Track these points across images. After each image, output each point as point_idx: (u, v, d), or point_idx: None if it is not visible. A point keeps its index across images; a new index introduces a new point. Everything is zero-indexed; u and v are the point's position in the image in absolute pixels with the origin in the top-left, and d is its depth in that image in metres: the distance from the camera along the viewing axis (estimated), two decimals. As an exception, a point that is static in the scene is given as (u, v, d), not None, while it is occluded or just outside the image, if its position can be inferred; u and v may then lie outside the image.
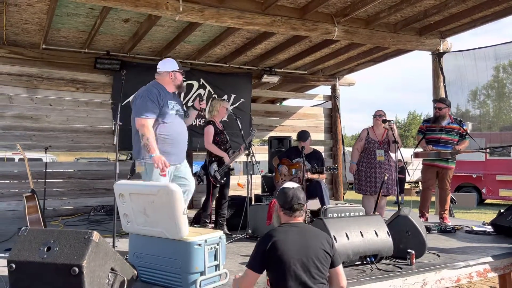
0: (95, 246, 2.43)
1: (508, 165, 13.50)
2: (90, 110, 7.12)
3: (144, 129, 3.66)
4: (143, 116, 3.70)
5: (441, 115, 5.75)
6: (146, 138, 3.62)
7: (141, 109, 3.72)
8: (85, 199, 7.00)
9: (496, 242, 4.65)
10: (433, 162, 5.77)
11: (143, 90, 3.88)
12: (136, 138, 3.83)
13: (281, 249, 2.36)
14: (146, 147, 3.64)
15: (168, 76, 3.95)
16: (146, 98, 3.75)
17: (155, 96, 3.78)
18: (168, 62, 4.02)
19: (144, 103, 3.73)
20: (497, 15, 6.16)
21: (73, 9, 5.48)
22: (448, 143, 5.73)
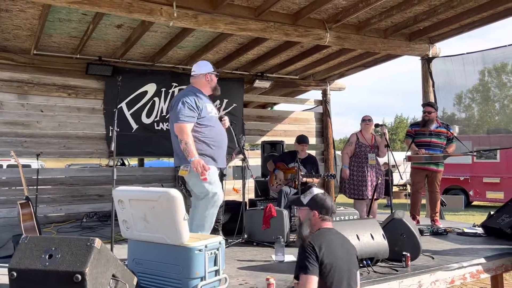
0: (97, 253, 2.43)
1: (495, 167, 13.74)
2: (82, 116, 7.08)
3: (183, 134, 3.67)
4: (180, 121, 3.71)
5: (430, 119, 5.85)
6: (185, 143, 3.64)
7: (179, 114, 3.73)
8: (77, 205, 6.94)
9: (487, 243, 4.74)
10: (424, 166, 5.86)
11: (180, 95, 3.88)
12: (176, 145, 3.85)
13: (332, 255, 2.48)
14: (185, 151, 3.65)
15: (204, 78, 3.96)
16: (184, 103, 3.75)
17: (193, 100, 3.78)
18: (203, 64, 4.02)
19: (182, 108, 3.73)
20: (484, 21, 6.31)
21: (66, 14, 5.46)
22: (438, 147, 5.83)
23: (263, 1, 5.34)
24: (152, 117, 7.46)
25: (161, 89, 7.52)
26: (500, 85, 7.81)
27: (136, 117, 7.31)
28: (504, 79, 7.69)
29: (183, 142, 3.65)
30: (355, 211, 4.88)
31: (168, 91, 7.59)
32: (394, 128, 44.83)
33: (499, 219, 5.05)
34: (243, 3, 5.38)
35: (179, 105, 3.75)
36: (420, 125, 5.96)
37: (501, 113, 7.64)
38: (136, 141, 7.28)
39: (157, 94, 7.49)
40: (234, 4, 5.37)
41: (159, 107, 7.49)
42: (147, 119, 7.42)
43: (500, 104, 7.74)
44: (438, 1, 5.72)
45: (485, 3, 5.79)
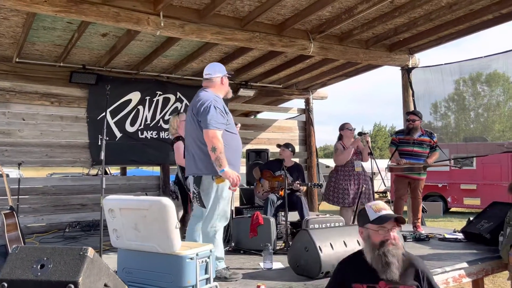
0: (90, 262, 2.42)
1: (471, 174, 14.12)
2: (64, 125, 7.00)
3: (218, 142, 3.36)
4: (213, 127, 3.39)
5: (414, 127, 5.96)
6: (220, 152, 3.35)
7: (211, 120, 3.39)
8: (59, 215, 6.83)
9: (467, 248, 4.88)
10: (405, 174, 5.99)
11: (207, 100, 3.50)
12: (202, 152, 3.52)
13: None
14: (218, 160, 3.35)
15: (220, 81, 3.70)
16: (216, 108, 3.45)
17: (222, 105, 3.53)
18: (218, 66, 3.75)
19: (215, 113, 3.42)
20: (460, 33, 6.54)
21: (51, 23, 5.43)
22: (421, 156, 5.94)
23: (249, 11, 5.41)
24: (136, 125, 7.43)
25: (145, 97, 7.51)
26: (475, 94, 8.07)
27: (120, 126, 7.27)
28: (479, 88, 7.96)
29: (218, 150, 3.34)
30: (341, 218, 4.96)
31: (153, 100, 7.58)
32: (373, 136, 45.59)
33: (479, 224, 5.22)
34: (229, 13, 5.45)
35: (211, 110, 3.41)
36: (404, 133, 6.08)
37: (476, 121, 7.87)
38: (120, 150, 7.23)
39: (141, 102, 7.47)
40: (221, 14, 5.43)
41: (143, 115, 7.47)
42: (131, 128, 7.38)
43: (475, 112, 7.99)
44: (418, 14, 5.91)
45: (462, 16, 6.02)
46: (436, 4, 5.62)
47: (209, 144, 3.40)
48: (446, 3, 5.61)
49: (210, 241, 3.53)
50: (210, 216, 3.59)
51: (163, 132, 7.57)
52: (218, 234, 3.61)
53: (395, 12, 5.70)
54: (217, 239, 3.59)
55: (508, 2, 5.53)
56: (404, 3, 5.51)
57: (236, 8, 5.32)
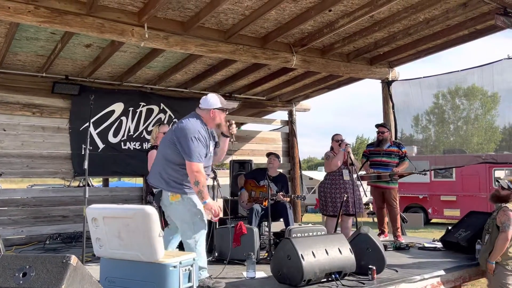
0: (73, 270, 2.42)
1: (451, 186, 14.39)
2: (46, 135, 6.93)
3: (200, 176, 3.44)
4: (197, 160, 3.47)
5: (384, 138, 6.27)
6: (202, 186, 3.44)
7: (194, 152, 3.47)
8: (40, 227, 6.71)
9: (446, 257, 5.00)
10: (376, 184, 6.26)
11: (191, 130, 3.55)
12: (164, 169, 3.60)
13: None
14: (200, 193, 3.45)
15: (209, 114, 3.70)
16: (198, 140, 3.51)
17: (205, 138, 3.59)
18: (211, 99, 3.74)
19: (197, 146, 3.49)
20: (438, 47, 6.77)
21: (34, 33, 5.43)
22: (387, 165, 6.20)
23: (233, 24, 5.51)
24: (119, 136, 7.41)
25: (129, 108, 7.51)
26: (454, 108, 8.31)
27: (103, 136, 7.24)
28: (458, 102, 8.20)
29: (201, 184, 3.43)
30: (323, 228, 5.02)
31: (136, 111, 7.58)
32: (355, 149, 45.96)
33: (456, 233, 5.36)
34: (213, 26, 5.54)
35: (195, 142, 3.49)
36: (375, 145, 6.39)
37: (455, 134, 8.09)
38: (103, 161, 7.19)
39: (124, 113, 7.46)
40: (205, 27, 5.51)
41: (127, 126, 7.46)
42: (114, 139, 7.36)
43: (455, 125, 8.21)
44: (397, 29, 6.11)
45: (439, 32, 6.24)
46: (414, 19, 5.82)
47: (191, 177, 3.48)
48: (423, 19, 5.82)
49: (192, 251, 3.52)
50: (187, 229, 3.60)
51: (146, 143, 7.56)
52: (199, 244, 3.59)
53: (375, 27, 5.88)
54: (198, 249, 3.58)
55: (483, 19, 5.76)
56: (384, 18, 5.70)
57: (220, 21, 5.42)
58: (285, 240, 3.82)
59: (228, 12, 5.18)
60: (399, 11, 5.50)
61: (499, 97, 6.78)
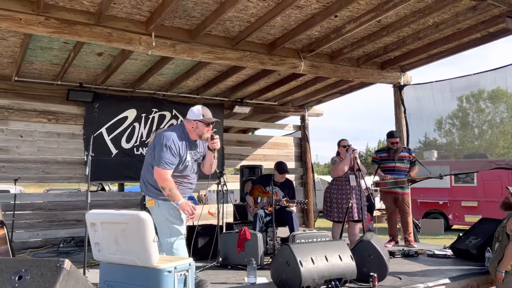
0: (67, 274, 2.50)
1: (472, 191, 14.05)
2: (61, 141, 7.14)
3: (165, 182, 3.60)
4: (162, 166, 3.63)
5: (397, 148, 6.28)
6: (169, 190, 3.59)
7: (161, 159, 3.63)
8: (54, 230, 6.91)
9: (455, 264, 4.91)
10: (390, 189, 6.24)
11: (166, 137, 3.71)
12: (145, 175, 3.83)
13: None
14: (170, 197, 3.61)
15: (190, 124, 3.83)
16: (168, 148, 3.65)
17: (177, 147, 3.70)
18: (195, 111, 3.87)
19: (165, 153, 3.63)
20: (450, 51, 6.66)
21: (47, 43, 5.61)
22: (402, 171, 6.23)
23: (239, 31, 5.57)
24: (132, 142, 7.56)
25: (141, 114, 7.66)
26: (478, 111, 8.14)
27: (116, 142, 7.41)
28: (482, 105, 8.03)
29: (167, 189, 3.60)
30: (327, 234, 5.01)
31: (148, 117, 7.72)
32: (377, 153, 45.27)
33: (467, 240, 5.25)
34: (220, 33, 5.61)
35: (164, 149, 3.64)
36: (386, 153, 6.36)
37: (480, 138, 7.92)
38: (116, 166, 7.35)
39: (137, 119, 7.61)
40: (212, 34, 5.58)
41: (139, 132, 7.60)
42: (127, 144, 7.51)
43: (479, 129, 8.04)
44: (406, 33, 6.04)
45: (450, 35, 6.14)
46: (423, 23, 5.75)
47: (159, 183, 3.65)
48: (433, 23, 5.74)
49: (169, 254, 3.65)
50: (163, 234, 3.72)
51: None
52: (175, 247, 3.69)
53: (383, 31, 5.83)
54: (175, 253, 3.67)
55: (494, 22, 5.64)
56: (391, 22, 5.65)
57: (226, 28, 5.48)
58: (284, 246, 3.83)
59: (233, 20, 5.23)
60: (406, 15, 5.44)
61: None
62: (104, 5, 4.53)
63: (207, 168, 4.00)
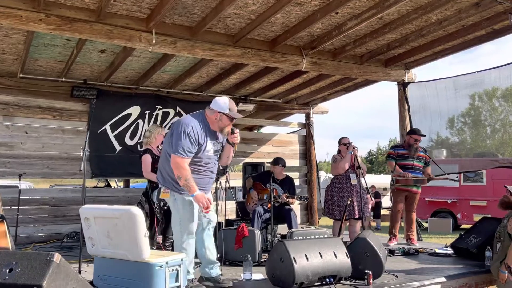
0: (56, 267, 2.54)
1: (481, 190, 13.91)
2: (66, 138, 7.22)
3: (181, 170, 3.46)
4: (179, 154, 3.48)
5: (417, 146, 6.14)
6: (185, 179, 3.45)
7: (178, 146, 3.48)
8: (59, 225, 7.00)
9: (454, 263, 4.86)
10: (407, 187, 6.09)
11: (185, 124, 3.57)
12: (163, 165, 3.70)
13: None
14: (186, 187, 3.48)
15: (214, 115, 3.69)
16: (187, 135, 3.50)
17: (196, 135, 3.55)
18: (220, 102, 3.72)
19: (184, 140, 3.49)
20: (455, 48, 6.58)
21: (50, 40, 5.67)
22: (419, 170, 6.13)
23: (240, 28, 5.57)
24: (135, 138, 7.61)
25: (145, 111, 7.71)
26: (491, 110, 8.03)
27: (120, 139, 7.46)
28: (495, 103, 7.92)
29: (183, 179, 3.45)
30: (325, 231, 4.99)
31: (152, 114, 7.77)
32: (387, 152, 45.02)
33: (467, 239, 5.20)
34: (221, 30, 5.62)
35: (181, 136, 3.49)
36: (405, 149, 6.19)
37: (492, 137, 7.82)
38: (119, 162, 7.41)
39: (141, 116, 7.66)
40: (212, 31, 5.60)
41: (143, 129, 7.65)
42: (131, 141, 7.57)
43: (492, 128, 7.93)
44: (409, 30, 5.98)
45: (454, 32, 6.06)
46: (426, 20, 5.70)
47: (175, 171, 3.52)
48: (436, 19, 5.68)
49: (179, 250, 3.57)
50: (174, 225, 3.67)
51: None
52: (186, 244, 3.61)
53: (385, 28, 5.79)
54: (186, 249, 3.59)
55: (498, 19, 5.57)
56: (393, 19, 5.60)
57: (227, 25, 5.48)
58: (278, 243, 3.83)
59: (234, 17, 5.24)
60: (408, 12, 5.39)
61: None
62: (104, 2, 4.57)
63: (225, 160, 3.93)
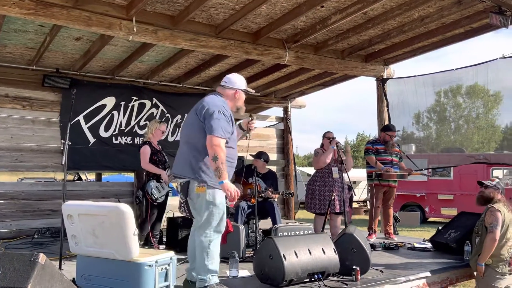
0: (41, 269, 2.38)
1: (448, 185, 14.34)
2: (36, 129, 6.86)
3: (220, 151, 3.22)
4: (219, 134, 3.24)
5: (392, 142, 6.23)
6: (221, 162, 3.20)
7: (217, 127, 3.25)
8: (28, 221, 6.67)
9: (434, 258, 4.95)
10: (387, 182, 6.16)
11: (216, 104, 3.37)
12: (193, 154, 3.39)
13: None
14: (218, 171, 3.22)
15: (233, 93, 3.54)
16: (223, 115, 3.31)
17: (230, 115, 3.40)
18: (236, 78, 3.59)
19: (221, 120, 3.29)
20: (434, 45, 6.68)
21: (22, 25, 5.36)
22: (397, 165, 6.23)
23: (224, 19, 5.44)
24: (110, 130, 7.34)
25: (121, 102, 7.44)
26: (455, 106, 8.24)
27: (94, 131, 7.18)
28: (460, 100, 8.13)
29: (219, 160, 3.19)
30: (310, 227, 4.98)
31: (128, 105, 7.51)
32: (356, 146, 45.82)
33: (446, 234, 5.31)
34: (203, 20, 5.46)
35: (219, 116, 3.29)
36: (382, 145, 6.25)
37: (456, 132, 8.03)
38: (93, 155, 7.14)
39: (116, 107, 7.39)
40: (195, 21, 5.44)
41: (118, 121, 7.39)
42: (105, 133, 7.29)
43: (456, 124, 8.15)
44: (391, 26, 6.02)
45: (434, 29, 6.15)
46: (409, 17, 5.74)
47: (210, 152, 3.26)
48: (418, 16, 5.74)
49: (204, 251, 3.34)
50: (204, 225, 3.38)
51: (137, 138, 7.49)
52: (213, 244, 3.38)
53: (369, 24, 5.80)
54: (211, 250, 3.36)
55: (478, 17, 5.68)
56: (377, 15, 5.62)
57: (210, 16, 5.34)
58: (267, 240, 3.77)
59: (218, 7, 5.10)
60: (392, 8, 5.42)
61: (502, 96, 6.72)
62: (83, -13, 4.34)
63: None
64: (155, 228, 5.16)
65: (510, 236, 4.23)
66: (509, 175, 13.77)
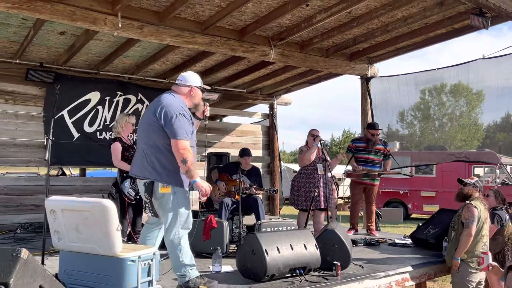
0: (24, 264, 2.38)
1: (431, 182, 14.58)
2: (19, 123, 6.80)
3: (187, 153, 3.26)
4: (183, 137, 3.27)
5: (376, 140, 6.29)
6: (190, 163, 3.24)
7: (180, 130, 3.27)
8: (11, 216, 6.61)
9: (414, 253, 5.06)
10: (361, 180, 6.30)
11: (174, 106, 3.35)
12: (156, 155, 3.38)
13: None
14: (189, 172, 3.27)
15: (189, 91, 3.53)
16: (183, 117, 3.32)
17: (190, 115, 3.41)
18: (191, 76, 3.60)
19: (183, 122, 3.30)
20: (417, 45, 6.79)
21: (5, 19, 5.29)
22: (376, 163, 6.30)
23: (209, 16, 5.45)
24: (94, 126, 7.31)
25: (105, 97, 7.40)
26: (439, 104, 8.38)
27: (78, 126, 7.14)
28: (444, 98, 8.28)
29: (189, 162, 3.23)
30: (293, 222, 5.04)
31: (113, 100, 7.48)
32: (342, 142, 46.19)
33: (426, 230, 5.43)
34: (189, 17, 5.47)
35: (180, 119, 3.30)
36: (364, 143, 6.35)
37: (440, 130, 8.17)
38: (77, 150, 7.10)
39: (100, 102, 7.36)
40: (181, 17, 5.44)
41: (103, 116, 7.36)
42: (90, 128, 7.26)
43: (440, 122, 8.29)
44: (375, 25, 6.11)
45: (417, 29, 6.25)
46: (392, 16, 5.83)
47: (178, 156, 3.28)
48: (401, 16, 5.83)
49: (176, 249, 3.35)
50: (172, 224, 3.38)
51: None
52: (183, 241, 3.40)
53: (353, 23, 5.87)
54: (182, 246, 3.38)
55: (459, 18, 5.79)
56: (361, 14, 5.69)
57: (196, 12, 5.35)
58: (250, 235, 3.82)
59: (204, 4, 5.11)
60: (376, 7, 5.50)
61: (484, 95, 6.85)
62: (67, -19, 4.31)
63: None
64: (136, 224, 5.13)
65: (485, 233, 4.36)
66: (489, 173, 14.06)
